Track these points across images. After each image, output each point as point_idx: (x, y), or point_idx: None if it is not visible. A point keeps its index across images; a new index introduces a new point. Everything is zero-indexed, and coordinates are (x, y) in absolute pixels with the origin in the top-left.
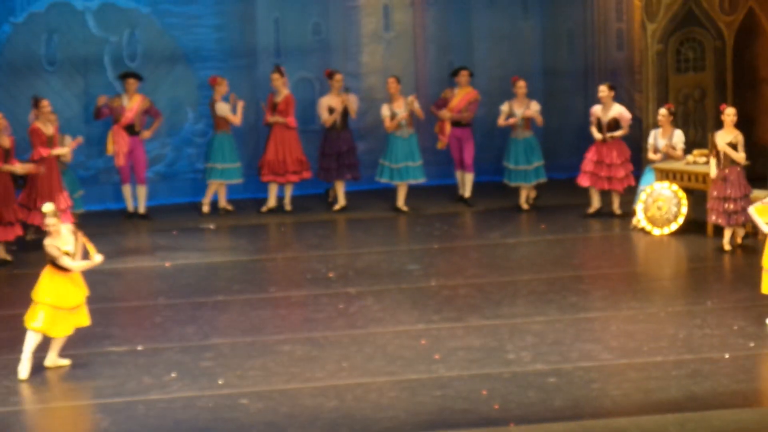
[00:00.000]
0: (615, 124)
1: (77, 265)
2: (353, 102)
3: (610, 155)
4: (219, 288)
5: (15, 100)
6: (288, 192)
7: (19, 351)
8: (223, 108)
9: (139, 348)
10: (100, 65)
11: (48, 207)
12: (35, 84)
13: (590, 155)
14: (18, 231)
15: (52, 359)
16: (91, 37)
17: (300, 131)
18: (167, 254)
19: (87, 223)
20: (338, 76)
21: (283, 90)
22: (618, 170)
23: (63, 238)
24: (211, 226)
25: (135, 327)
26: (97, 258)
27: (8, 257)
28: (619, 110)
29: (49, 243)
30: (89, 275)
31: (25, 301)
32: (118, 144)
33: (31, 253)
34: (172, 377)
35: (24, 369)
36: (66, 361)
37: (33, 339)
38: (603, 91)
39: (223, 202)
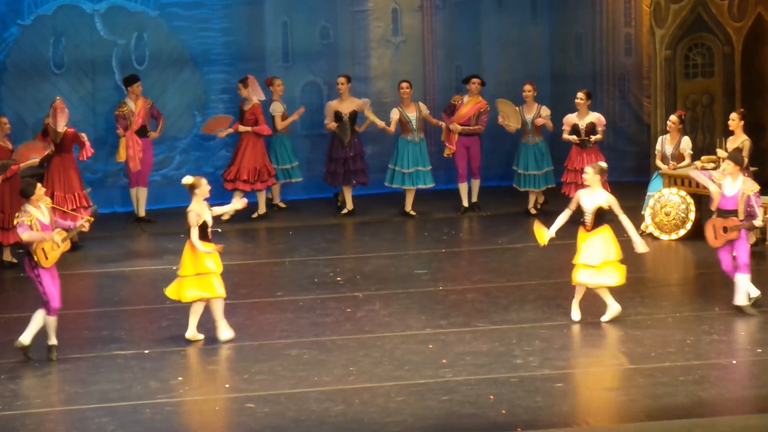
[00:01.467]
0: (592, 129)
1: (195, 242)
2: (367, 106)
3: (590, 160)
4: (226, 292)
5: (22, 103)
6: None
7: (20, 354)
8: (278, 108)
9: (146, 351)
10: (108, 68)
11: (187, 179)
12: (42, 86)
13: (572, 164)
14: None
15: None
16: (99, 39)
17: (306, 136)
18: (175, 258)
19: (94, 226)
20: (341, 79)
21: (251, 99)
22: None
23: (203, 208)
24: (219, 230)
25: (142, 330)
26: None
27: (14, 260)
28: (596, 116)
29: (190, 209)
30: (96, 278)
31: (30, 305)
32: (132, 149)
33: None
34: (179, 381)
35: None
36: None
37: (196, 309)
38: (580, 98)
39: (277, 199)
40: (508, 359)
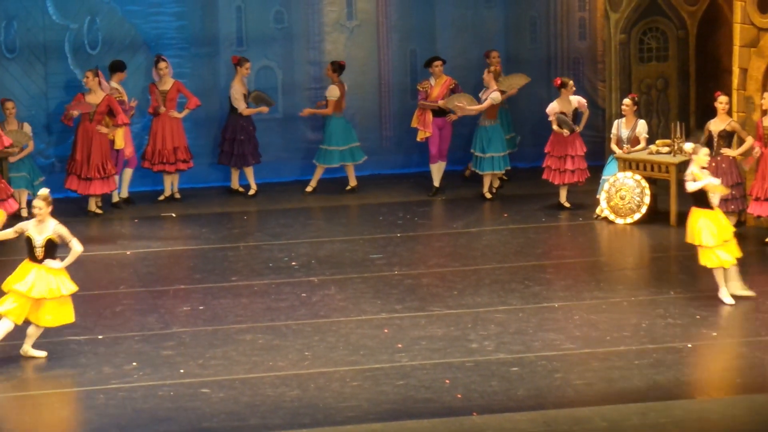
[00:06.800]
0: (576, 113)
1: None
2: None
3: (574, 147)
4: (180, 277)
5: None
6: (175, 182)
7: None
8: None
9: (100, 337)
10: (61, 52)
11: (43, 191)
12: None
13: (554, 150)
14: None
15: (26, 349)
16: (51, 23)
17: (256, 119)
18: (128, 242)
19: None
20: (247, 64)
21: (169, 79)
22: (582, 161)
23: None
24: (173, 215)
25: (95, 316)
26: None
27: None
28: (577, 99)
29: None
30: None
31: None
32: (127, 135)
33: None
34: (133, 366)
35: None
36: (41, 353)
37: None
38: (570, 85)
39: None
40: (464, 344)
